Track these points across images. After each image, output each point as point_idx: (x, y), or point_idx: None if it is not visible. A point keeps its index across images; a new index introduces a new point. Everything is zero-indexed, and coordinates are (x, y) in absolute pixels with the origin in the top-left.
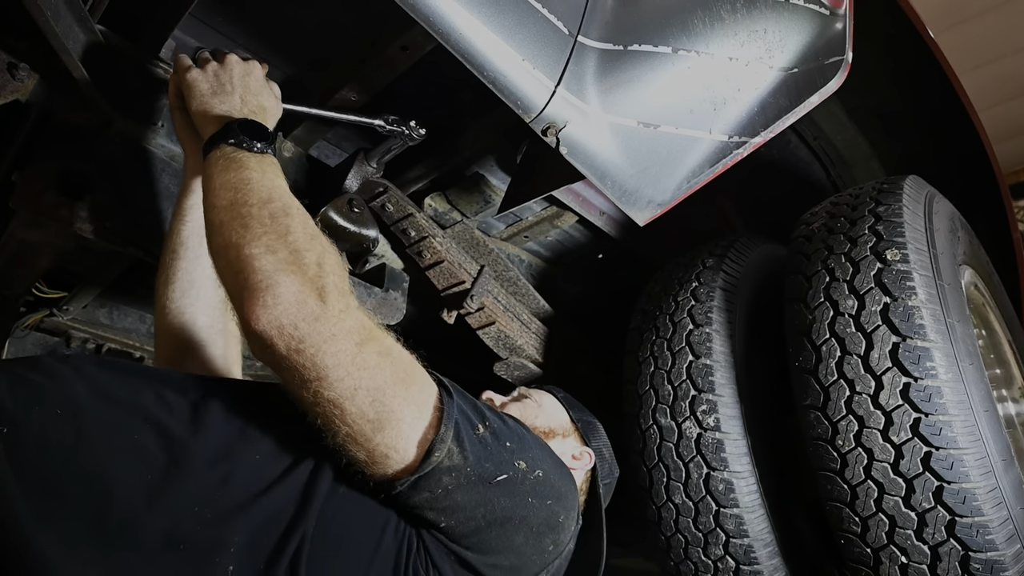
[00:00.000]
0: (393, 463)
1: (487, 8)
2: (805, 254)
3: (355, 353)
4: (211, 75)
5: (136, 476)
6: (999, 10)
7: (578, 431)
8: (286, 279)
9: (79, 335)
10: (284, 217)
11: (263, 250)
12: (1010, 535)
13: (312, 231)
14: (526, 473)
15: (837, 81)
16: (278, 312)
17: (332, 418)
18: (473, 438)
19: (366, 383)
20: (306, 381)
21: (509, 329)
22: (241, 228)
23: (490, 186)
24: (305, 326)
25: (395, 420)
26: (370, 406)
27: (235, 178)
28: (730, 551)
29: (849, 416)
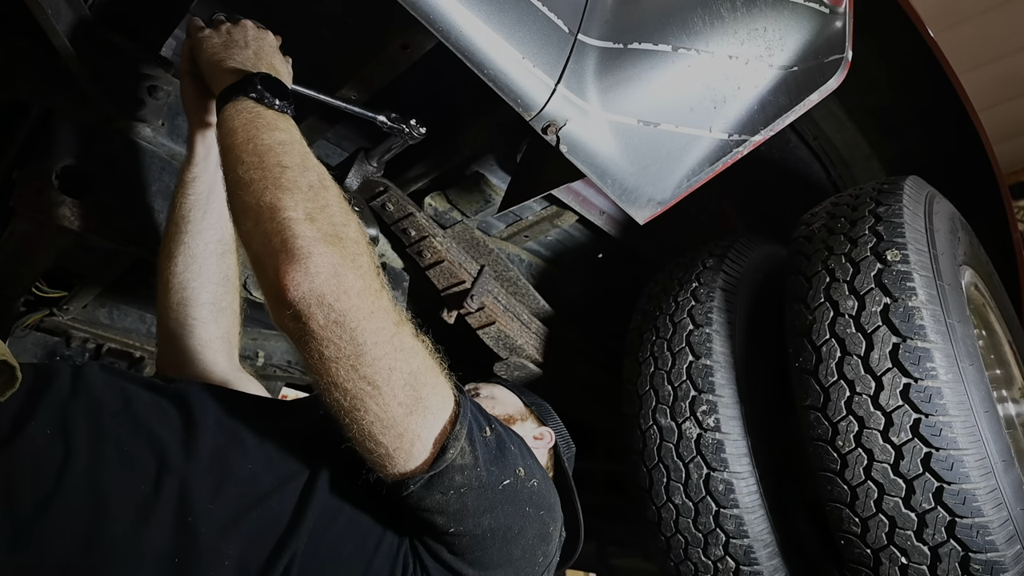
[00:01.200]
0: (413, 456)
1: (487, 6)
2: (805, 254)
3: (394, 332)
4: (225, 34)
5: (129, 489)
6: (999, 10)
7: (533, 413)
8: (328, 249)
9: (79, 335)
10: (322, 189)
11: (303, 216)
12: (1010, 536)
13: (348, 208)
14: (524, 481)
15: (837, 79)
16: (319, 282)
17: (363, 398)
18: (481, 440)
19: (402, 364)
20: (341, 357)
21: (509, 329)
22: (277, 190)
23: (490, 185)
24: (346, 299)
25: (423, 407)
26: (403, 388)
27: (267, 137)
28: (730, 552)
29: (849, 417)
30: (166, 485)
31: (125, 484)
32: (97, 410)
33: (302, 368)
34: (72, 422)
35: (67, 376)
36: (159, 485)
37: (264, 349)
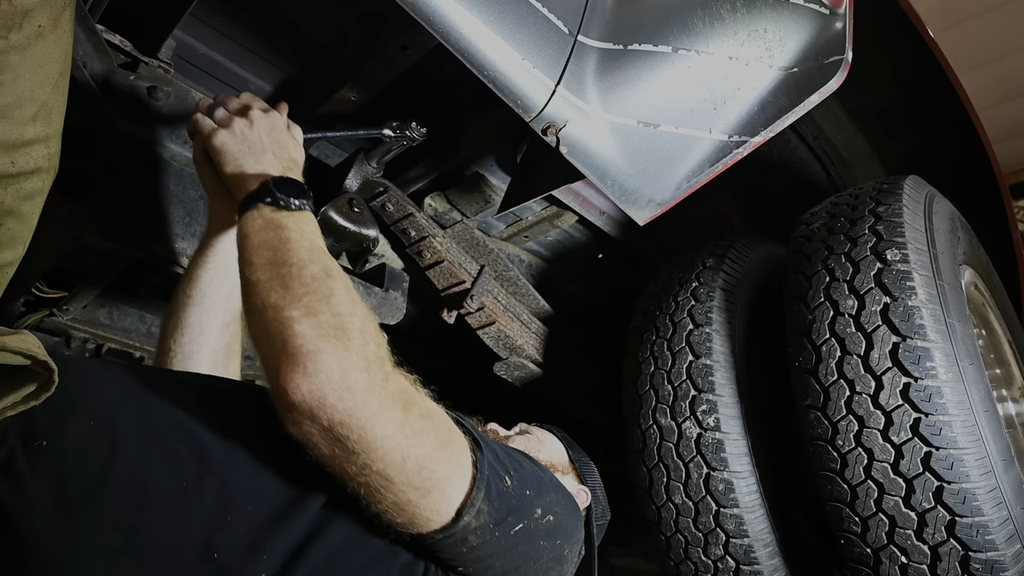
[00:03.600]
0: (429, 525)
1: (487, 7)
2: (805, 254)
3: (403, 421)
4: (239, 135)
5: (171, 485)
6: (999, 10)
7: (575, 470)
8: (329, 345)
9: (79, 335)
10: (326, 279)
11: (303, 312)
12: (1010, 535)
13: (354, 296)
14: (540, 519)
15: (837, 80)
16: (320, 381)
17: (378, 489)
18: (501, 491)
19: (415, 451)
20: (352, 454)
21: (509, 329)
22: (280, 288)
23: (490, 186)
24: (351, 398)
25: (441, 485)
26: (418, 474)
27: (274, 237)
28: (730, 551)
29: (849, 416)
30: (206, 483)
31: (168, 481)
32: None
33: None
34: (116, 416)
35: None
36: (200, 482)
37: None
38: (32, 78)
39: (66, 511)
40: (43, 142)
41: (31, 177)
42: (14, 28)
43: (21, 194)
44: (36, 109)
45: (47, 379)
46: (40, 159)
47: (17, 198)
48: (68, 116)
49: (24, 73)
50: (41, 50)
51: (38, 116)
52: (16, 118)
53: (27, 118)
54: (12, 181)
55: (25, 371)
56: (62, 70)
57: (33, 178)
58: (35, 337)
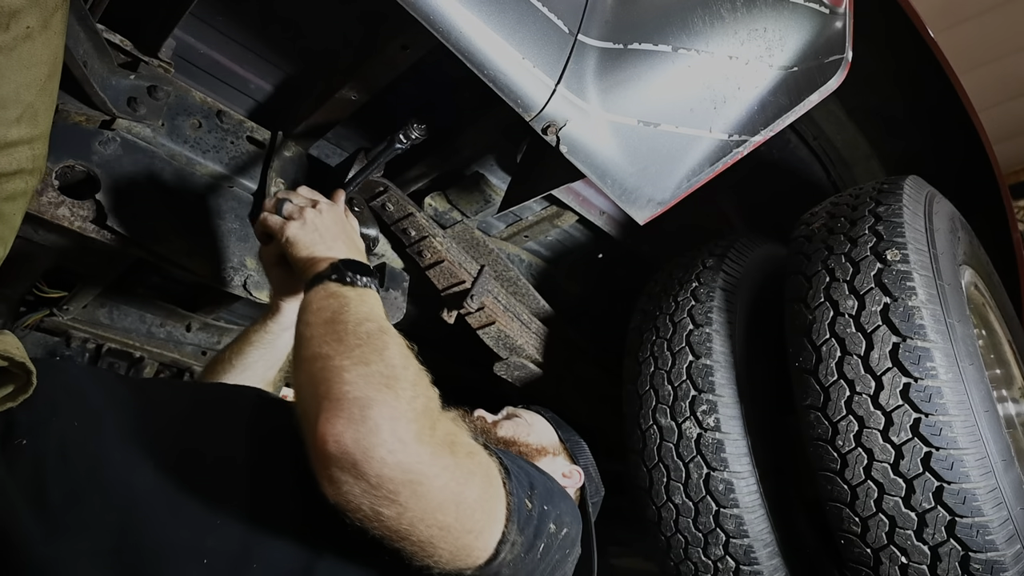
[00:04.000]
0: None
1: (487, 7)
2: (805, 254)
3: (455, 466)
4: (310, 225)
5: (161, 487)
6: (999, 10)
7: (566, 450)
8: (379, 395)
9: (79, 335)
10: (380, 334)
11: (354, 362)
12: (1010, 535)
13: (408, 352)
14: (556, 534)
15: (837, 80)
16: (366, 430)
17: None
18: (526, 517)
19: (468, 495)
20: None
21: (509, 329)
22: (333, 341)
23: (490, 185)
24: (402, 450)
25: (488, 523)
26: (470, 518)
27: (335, 303)
28: (730, 551)
29: (849, 416)
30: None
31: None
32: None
33: None
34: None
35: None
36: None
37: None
38: (18, 79)
39: (46, 511)
40: (27, 143)
41: (13, 179)
42: (0, 29)
43: (3, 195)
44: (21, 111)
45: (25, 381)
46: (24, 161)
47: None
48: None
49: (9, 74)
50: (28, 52)
51: (23, 118)
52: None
53: (11, 119)
54: None
55: (3, 372)
56: (51, 72)
57: (16, 179)
58: (15, 338)
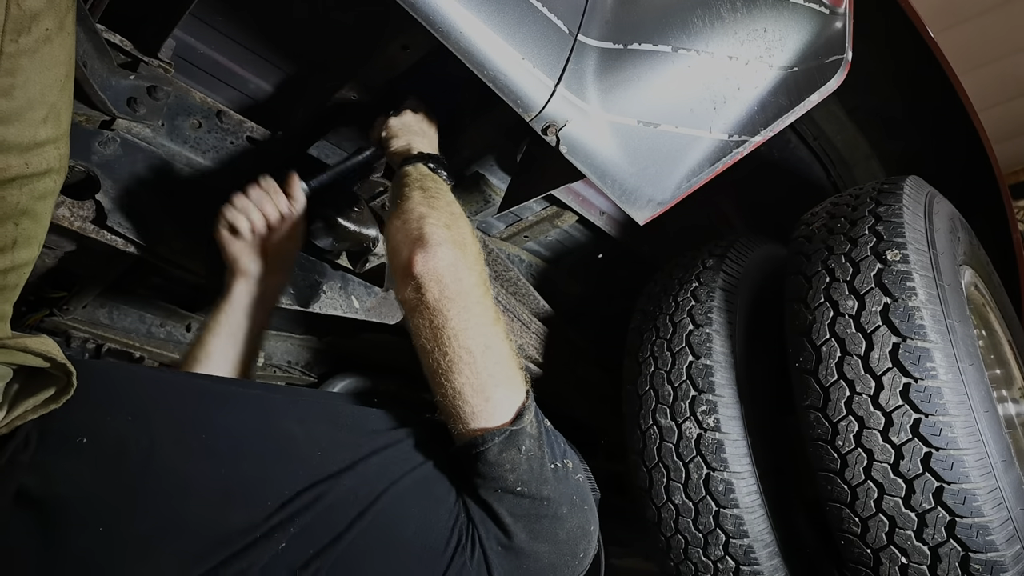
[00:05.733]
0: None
1: (487, 7)
2: (805, 254)
3: (493, 321)
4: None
5: (209, 473)
6: (999, 10)
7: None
8: (453, 248)
9: (79, 335)
10: (462, 218)
11: (442, 223)
12: (1010, 536)
13: (476, 239)
14: (571, 472)
15: (837, 80)
16: (441, 265)
17: (461, 363)
18: (542, 422)
19: (496, 346)
20: (448, 326)
21: (509, 329)
22: (428, 207)
23: (490, 186)
24: (459, 284)
25: (508, 382)
26: (495, 364)
27: (430, 183)
28: (730, 551)
29: (849, 417)
30: (243, 469)
31: (206, 470)
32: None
33: (302, 368)
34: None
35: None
36: (238, 468)
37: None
38: (41, 80)
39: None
40: (53, 143)
41: (44, 177)
42: (23, 32)
43: (35, 194)
44: (46, 111)
45: (65, 382)
46: (52, 160)
47: (32, 198)
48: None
49: (34, 76)
50: (48, 53)
51: (48, 118)
52: (28, 120)
53: (38, 120)
54: (27, 182)
55: (44, 375)
56: (68, 72)
57: (46, 178)
58: (54, 342)
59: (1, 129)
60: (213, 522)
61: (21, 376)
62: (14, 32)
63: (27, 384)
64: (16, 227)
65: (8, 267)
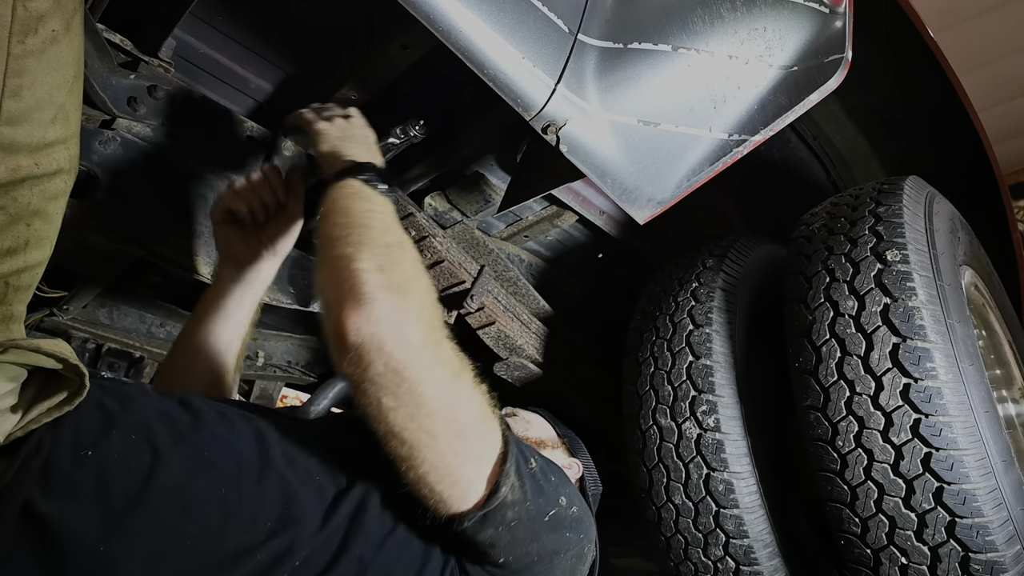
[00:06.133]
0: (466, 499)
1: (487, 6)
2: (805, 254)
3: (452, 385)
4: (339, 125)
5: (211, 491)
6: (999, 10)
7: (564, 444)
8: (392, 298)
9: (79, 335)
10: (399, 248)
11: (374, 267)
12: (1010, 536)
13: (420, 268)
14: (567, 509)
15: (837, 79)
16: (381, 328)
17: (421, 447)
18: (528, 473)
19: (457, 417)
20: (400, 407)
21: (509, 329)
22: (358, 244)
23: (490, 185)
24: (407, 350)
25: (477, 455)
26: (457, 440)
27: (361, 205)
28: (730, 552)
29: (849, 417)
30: (244, 490)
31: (208, 488)
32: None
33: (302, 368)
34: (154, 429)
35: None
36: (239, 489)
37: (264, 349)
38: (50, 81)
39: (110, 517)
40: (63, 143)
41: (54, 178)
42: (30, 33)
43: (46, 195)
44: (55, 112)
45: (78, 385)
46: (62, 160)
47: (43, 199)
48: None
49: (42, 77)
50: (56, 54)
51: (57, 118)
52: (37, 121)
53: (47, 120)
54: (38, 182)
55: (57, 378)
56: (76, 73)
57: (56, 179)
58: (67, 344)
59: (10, 130)
60: (211, 543)
61: (38, 379)
62: (20, 33)
63: (43, 388)
64: (28, 228)
65: (21, 268)
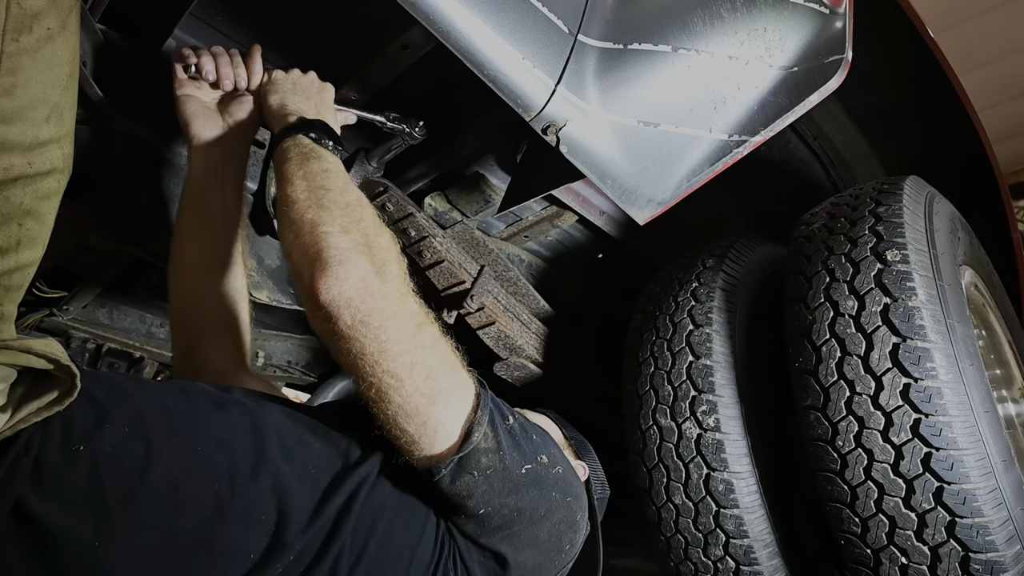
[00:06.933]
0: (439, 441)
1: (487, 7)
2: (805, 254)
3: (414, 332)
4: (293, 77)
5: (205, 486)
6: (999, 10)
7: (571, 447)
8: (357, 258)
9: (79, 335)
10: (358, 207)
11: (338, 229)
12: (1010, 536)
13: (380, 224)
14: (548, 467)
15: (837, 80)
16: (348, 286)
17: (388, 389)
18: (503, 427)
19: (422, 360)
20: (366, 353)
21: (509, 329)
22: (318, 207)
23: (490, 185)
24: (372, 302)
25: (445, 397)
26: (424, 381)
27: (315, 166)
28: (730, 552)
29: (849, 417)
30: (237, 485)
31: (202, 482)
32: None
33: (302, 368)
34: (147, 423)
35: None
36: (233, 484)
37: (264, 349)
38: (44, 80)
39: (103, 513)
40: (57, 142)
41: (47, 177)
42: (24, 31)
43: (39, 194)
44: (49, 110)
45: (69, 385)
46: (55, 159)
47: (35, 198)
48: None
49: (36, 75)
50: (51, 52)
51: (51, 117)
52: (31, 120)
53: (41, 119)
54: (30, 181)
55: (48, 378)
56: (71, 72)
57: (49, 178)
58: (59, 344)
59: (3, 128)
60: (205, 538)
61: (27, 379)
62: (15, 31)
63: (33, 387)
64: (20, 227)
65: (12, 268)
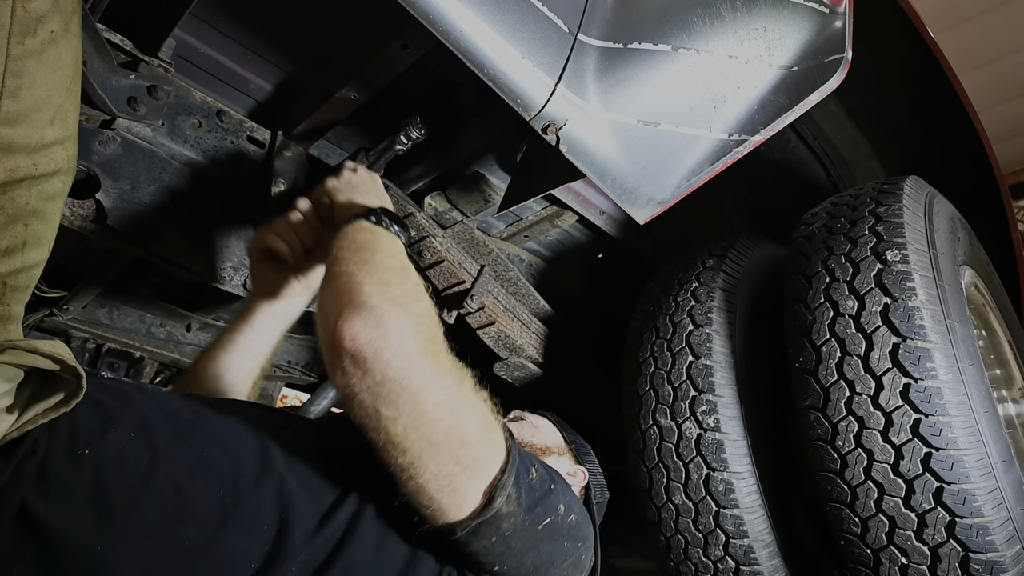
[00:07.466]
0: (463, 509)
1: (487, 6)
2: (805, 254)
3: (455, 393)
4: (346, 179)
5: (209, 491)
6: (999, 10)
7: (571, 451)
8: (392, 309)
9: (79, 335)
10: (402, 271)
11: (376, 281)
12: (1010, 536)
13: (423, 291)
14: (564, 517)
15: (837, 79)
16: (379, 334)
17: (422, 457)
18: (527, 483)
19: (461, 424)
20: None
21: (509, 329)
22: (360, 264)
23: (490, 185)
24: (405, 357)
25: (476, 465)
26: (460, 447)
27: (368, 237)
28: (730, 552)
29: (849, 417)
30: (242, 492)
31: (206, 489)
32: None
33: (302, 368)
34: (152, 429)
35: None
36: (238, 491)
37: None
38: (48, 82)
39: (107, 518)
40: (61, 144)
41: (52, 178)
42: (29, 34)
43: (44, 195)
44: (53, 112)
45: (75, 386)
46: (60, 161)
47: (41, 199)
48: None
49: (40, 77)
50: (55, 55)
51: (55, 119)
52: (36, 121)
53: (46, 121)
54: (36, 183)
55: (54, 379)
56: (74, 74)
57: (54, 179)
58: (65, 345)
59: (8, 130)
60: (209, 545)
61: (34, 380)
62: (20, 34)
63: (40, 389)
64: (26, 228)
65: (19, 268)
